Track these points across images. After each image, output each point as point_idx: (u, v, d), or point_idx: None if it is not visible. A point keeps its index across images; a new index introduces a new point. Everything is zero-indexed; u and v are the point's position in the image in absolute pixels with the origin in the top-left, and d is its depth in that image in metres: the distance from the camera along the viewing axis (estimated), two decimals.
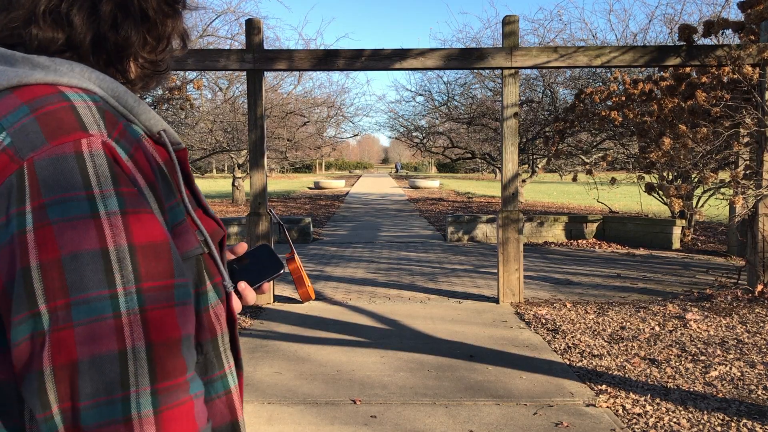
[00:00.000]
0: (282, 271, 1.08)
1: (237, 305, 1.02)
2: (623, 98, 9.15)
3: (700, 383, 4.13)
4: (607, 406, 3.76)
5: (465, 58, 6.60)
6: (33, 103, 0.74)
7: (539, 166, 17.36)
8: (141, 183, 0.75)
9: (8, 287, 0.69)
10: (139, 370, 0.70)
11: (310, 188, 33.32)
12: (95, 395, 0.68)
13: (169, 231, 0.78)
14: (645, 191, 9.86)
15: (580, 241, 11.65)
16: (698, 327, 5.42)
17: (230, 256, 1.10)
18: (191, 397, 0.74)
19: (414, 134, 22.69)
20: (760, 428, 3.42)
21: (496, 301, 6.59)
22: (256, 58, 6.45)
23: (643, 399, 3.87)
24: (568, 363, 4.58)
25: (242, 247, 1.11)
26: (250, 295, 1.05)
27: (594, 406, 3.77)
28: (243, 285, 1.05)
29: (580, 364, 4.57)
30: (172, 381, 0.72)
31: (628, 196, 20.01)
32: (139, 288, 0.71)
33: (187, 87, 11.46)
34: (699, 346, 4.91)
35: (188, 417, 0.73)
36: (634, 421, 3.56)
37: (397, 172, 67.17)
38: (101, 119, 0.74)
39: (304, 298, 6.56)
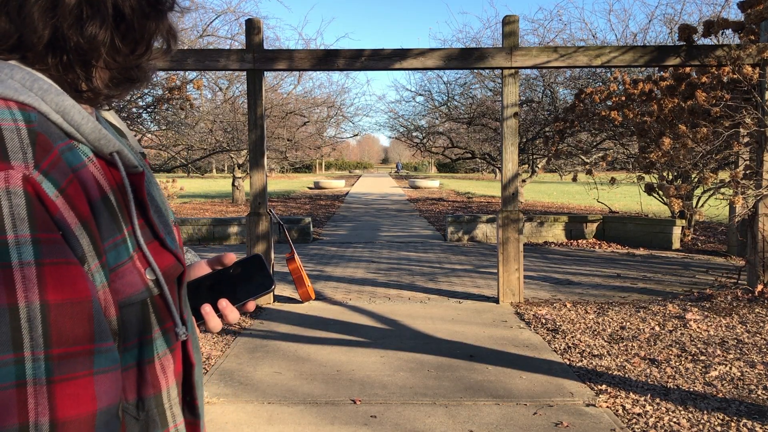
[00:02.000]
0: (272, 290, 0.97)
1: (215, 325, 0.95)
2: (623, 98, 9.15)
3: (700, 383, 4.13)
4: (607, 406, 3.76)
5: (465, 58, 6.60)
6: None
7: (539, 166, 17.36)
8: (71, 223, 0.65)
9: None
10: None
11: (310, 188, 33.33)
12: None
13: (106, 275, 0.69)
14: (645, 191, 9.87)
15: (580, 241, 11.66)
16: (698, 327, 5.42)
17: (215, 267, 1.01)
18: None
19: (414, 134, 22.69)
20: (760, 428, 3.42)
21: (496, 301, 6.60)
22: (256, 58, 6.45)
23: (643, 399, 3.87)
24: (568, 363, 4.58)
25: (230, 258, 1.00)
26: (232, 315, 0.96)
27: (594, 406, 3.77)
28: (224, 303, 0.96)
29: (580, 364, 4.57)
30: None
31: (628, 196, 20.01)
32: (49, 354, 0.61)
33: (187, 87, 11.48)
34: (699, 346, 4.92)
35: None
36: (634, 420, 3.56)
37: (397, 171, 67.18)
38: (30, 146, 0.63)
39: (304, 298, 6.56)
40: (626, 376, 4.29)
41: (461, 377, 4.26)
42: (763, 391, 3.96)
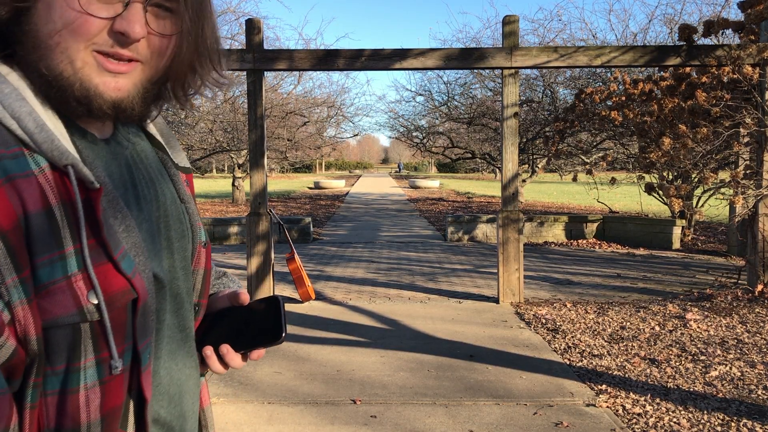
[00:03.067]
0: (280, 341, 0.88)
1: (217, 368, 0.89)
2: (623, 98, 9.15)
3: (700, 383, 4.13)
4: (607, 406, 3.76)
5: (465, 58, 6.60)
6: None
7: (539, 166, 17.36)
8: None
9: None
10: None
11: (310, 188, 33.32)
12: None
13: (26, 291, 0.65)
14: (645, 191, 9.86)
15: (580, 241, 11.65)
16: (698, 327, 5.42)
17: (225, 302, 0.94)
18: None
19: (414, 134, 22.68)
20: (760, 428, 3.42)
21: (496, 301, 6.59)
22: (256, 57, 6.45)
23: (643, 399, 3.87)
24: (568, 363, 4.58)
25: (244, 297, 0.93)
26: (234, 362, 0.88)
27: (594, 406, 3.77)
28: (225, 350, 0.88)
29: (580, 363, 4.57)
30: None
31: (628, 196, 20.01)
32: None
33: None
34: (699, 346, 4.91)
35: None
36: (634, 421, 3.56)
37: (398, 171, 67.16)
38: None
39: (304, 298, 6.56)
40: (626, 376, 4.29)
41: (461, 377, 4.26)
42: (763, 391, 3.96)
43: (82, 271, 0.68)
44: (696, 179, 10.02)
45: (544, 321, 5.73)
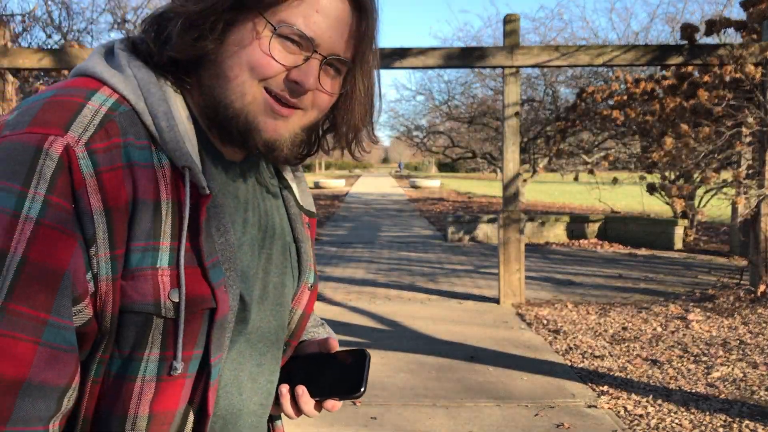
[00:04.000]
0: (358, 396, 0.85)
1: (288, 410, 0.90)
2: (625, 97, 9.13)
3: (702, 384, 4.10)
4: (609, 408, 3.73)
5: (466, 57, 6.57)
6: (61, 90, 0.72)
7: (540, 165, 17.32)
8: (92, 204, 0.68)
9: None
10: None
11: (310, 188, 33.20)
12: None
13: (114, 268, 0.69)
14: (647, 191, 9.83)
15: (581, 241, 11.63)
16: (700, 327, 5.39)
17: (314, 347, 0.95)
18: None
19: (414, 134, 22.66)
20: (763, 429, 3.39)
21: (497, 301, 6.57)
22: None
23: (644, 400, 3.84)
24: (569, 364, 4.55)
25: (333, 344, 0.93)
26: (306, 407, 0.89)
27: (595, 407, 3.74)
28: (300, 391, 0.89)
29: (581, 365, 4.54)
30: None
31: (630, 196, 19.97)
32: (5, 306, 0.63)
33: None
34: (701, 346, 4.89)
35: None
36: (636, 422, 3.54)
37: (399, 171, 67.19)
38: (96, 126, 0.69)
39: None
40: (628, 377, 4.26)
41: (462, 378, 4.23)
42: (766, 392, 3.93)
43: (172, 269, 0.72)
44: (698, 179, 9.98)
45: (545, 322, 5.70)
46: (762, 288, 6.26)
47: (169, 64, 0.77)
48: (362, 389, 0.85)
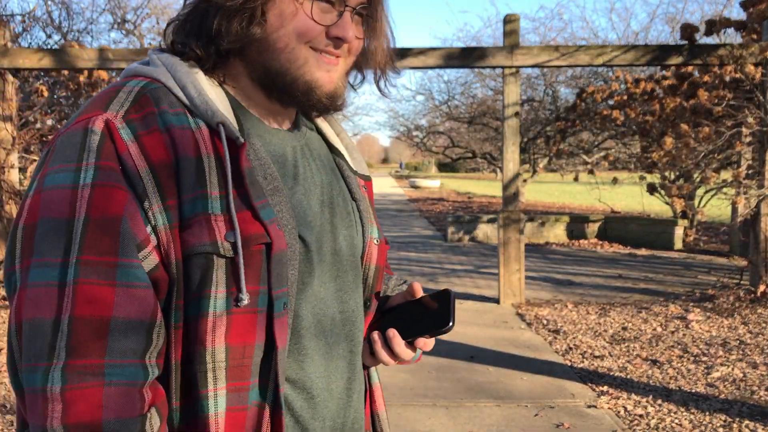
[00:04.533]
0: (446, 330, 0.89)
1: (383, 355, 0.94)
2: (625, 97, 9.13)
3: (702, 384, 4.10)
4: (609, 408, 3.73)
5: (466, 57, 6.57)
6: (104, 88, 0.84)
7: (540, 165, 17.32)
8: (137, 164, 0.76)
9: None
10: (60, 343, 0.70)
11: None
12: (29, 359, 0.71)
13: (169, 217, 0.77)
14: (647, 191, 9.83)
15: (581, 241, 11.62)
16: (700, 327, 5.39)
17: (399, 299, 1.01)
18: (101, 384, 0.70)
19: (414, 134, 22.64)
20: (762, 429, 3.39)
21: (496, 301, 6.57)
22: None
23: (644, 400, 3.84)
24: (569, 364, 4.55)
25: (416, 289, 1.00)
26: (398, 349, 0.93)
27: (595, 407, 3.74)
28: (391, 333, 0.93)
29: (581, 365, 4.54)
30: (83, 360, 0.70)
31: (630, 196, 19.97)
32: (80, 259, 0.72)
33: None
34: (701, 346, 4.89)
35: (90, 403, 0.70)
36: (636, 422, 3.54)
37: (400, 170, 67.22)
38: (129, 102, 0.79)
39: None
40: (628, 377, 4.26)
41: (462, 378, 4.23)
42: (766, 392, 3.93)
43: (224, 214, 0.78)
44: (698, 179, 9.99)
45: (545, 322, 5.70)
46: (762, 288, 6.26)
47: (205, 56, 0.86)
48: (451, 323, 0.90)
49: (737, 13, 13.33)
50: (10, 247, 0.75)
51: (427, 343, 0.93)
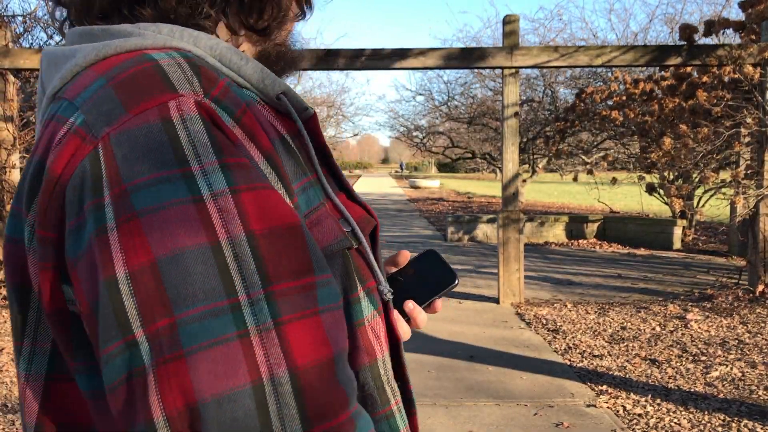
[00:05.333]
0: (456, 283, 0.85)
1: (405, 331, 0.78)
2: (624, 98, 9.15)
3: (701, 383, 4.12)
4: (608, 407, 3.75)
5: (465, 57, 6.59)
6: (110, 71, 0.56)
7: (540, 165, 17.35)
8: (254, 155, 0.57)
9: (94, 309, 0.51)
10: (285, 411, 0.49)
11: None
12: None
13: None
14: (646, 191, 9.85)
15: (580, 241, 11.64)
16: (699, 327, 5.40)
17: (390, 269, 0.87)
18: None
19: (414, 134, 22.68)
20: (761, 429, 3.41)
21: (496, 301, 6.58)
22: None
23: (643, 399, 3.86)
24: (568, 363, 4.57)
25: (404, 256, 0.87)
26: (421, 317, 0.80)
27: (594, 406, 3.76)
28: (411, 305, 0.80)
29: (580, 364, 4.55)
30: (332, 422, 0.51)
31: (629, 196, 19.99)
32: (270, 292, 0.50)
33: None
34: (700, 346, 4.90)
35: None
36: (635, 421, 3.55)
37: (400, 171, 67.27)
38: (195, 75, 0.56)
39: None
40: (627, 376, 4.28)
41: (461, 378, 4.25)
42: (764, 392, 3.95)
43: (326, 200, 0.63)
44: (697, 179, 10.01)
45: (544, 321, 5.72)
46: (760, 288, 6.28)
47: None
48: (456, 277, 0.86)
49: (736, 14, 13.35)
50: (115, 316, 0.49)
51: (437, 304, 0.85)
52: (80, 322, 0.55)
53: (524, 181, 17.00)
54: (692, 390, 4.01)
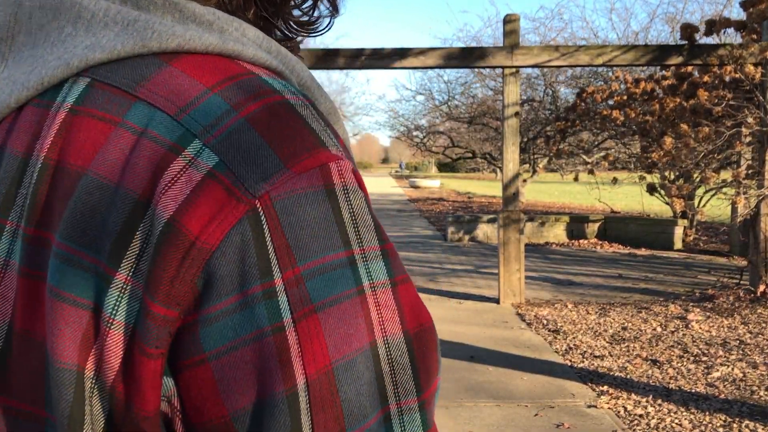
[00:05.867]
0: None
1: None
2: (625, 97, 9.13)
3: (702, 384, 4.10)
4: (609, 407, 3.73)
5: (466, 57, 6.58)
6: (226, 91, 0.42)
7: (540, 165, 17.33)
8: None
9: (241, 420, 0.40)
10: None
11: None
12: None
13: None
14: (647, 191, 9.84)
15: (581, 241, 11.63)
16: (700, 327, 5.39)
17: None
18: None
19: (414, 134, 22.67)
20: (762, 429, 3.39)
21: (496, 301, 6.57)
22: None
23: (644, 400, 3.85)
24: (569, 364, 4.56)
25: None
26: None
27: (595, 407, 3.74)
28: None
29: (581, 365, 4.54)
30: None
31: (630, 196, 19.98)
32: (422, 403, 0.45)
33: None
34: (701, 346, 4.89)
35: None
36: (636, 422, 3.54)
37: (400, 170, 67.31)
38: (327, 126, 0.44)
39: None
40: (628, 377, 4.26)
41: (462, 378, 4.23)
42: (766, 392, 3.93)
43: None
44: (698, 179, 9.99)
45: (545, 322, 5.70)
46: (762, 288, 6.26)
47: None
48: None
49: (737, 13, 13.33)
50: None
51: None
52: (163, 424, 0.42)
53: (525, 181, 16.99)
54: (693, 390, 4.00)
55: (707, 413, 3.64)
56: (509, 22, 6.50)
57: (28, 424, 0.43)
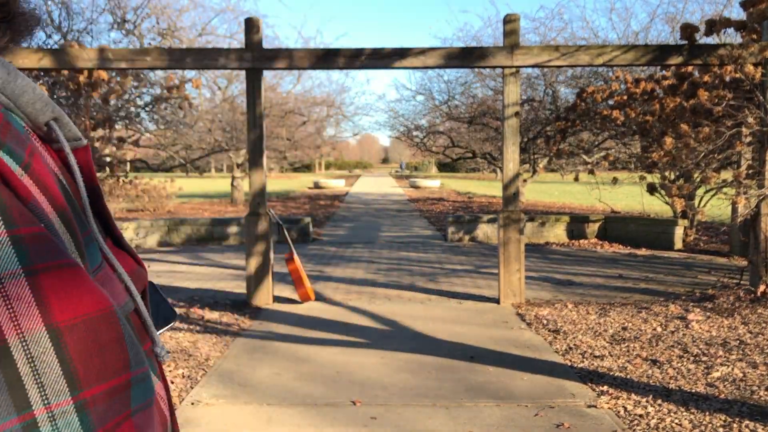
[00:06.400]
0: (175, 320, 0.76)
1: None
2: (625, 97, 9.13)
3: (702, 384, 4.10)
4: (609, 407, 3.73)
5: (466, 56, 6.57)
6: None
7: (540, 165, 17.32)
8: (47, 212, 0.44)
9: None
10: None
11: (309, 188, 33.28)
12: None
13: None
14: (647, 191, 9.83)
15: (581, 241, 11.62)
16: (700, 327, 5.38)
17: None
18: None
19: (414, 133, 22.64)
20: (762, 429, 3.39)
21: (496, 301, 6.56)
22: (255, 57, 6.42)
23: (644, 400, 3.84)
24: (569, 364, 4.55)
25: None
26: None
27: (595, 407, 3.74)
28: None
29: (581, 365, 4.53)
30: None
31: (630, 196, 19.96)
32: (82, 401, 0.41)
33: (186, 86, 11.47)
34: (701, 346, 4.88)
35: None
36: (636, 422, 3.53)
37: (401, 170, 67.30)
38: None
39: (304, 298, 6.53)
40: (628, 377, 4.26)
41: (462, 378, 4.23)
42: (766, 392, 3.93)
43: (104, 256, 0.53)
44: (698, 179, 9.98)
45: (545, 322, 5.70)
46: (762, 288, 6.25)
47: None
48: (176, 314, 0.76)
49: (737, 13, 13.32)
50: None
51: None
52: None
53: (525, 180, 16.99)
54: (693, 390, 3.99)
55: (707, 413, 3.63)
56: (509, 22, 6.49)
57: None
